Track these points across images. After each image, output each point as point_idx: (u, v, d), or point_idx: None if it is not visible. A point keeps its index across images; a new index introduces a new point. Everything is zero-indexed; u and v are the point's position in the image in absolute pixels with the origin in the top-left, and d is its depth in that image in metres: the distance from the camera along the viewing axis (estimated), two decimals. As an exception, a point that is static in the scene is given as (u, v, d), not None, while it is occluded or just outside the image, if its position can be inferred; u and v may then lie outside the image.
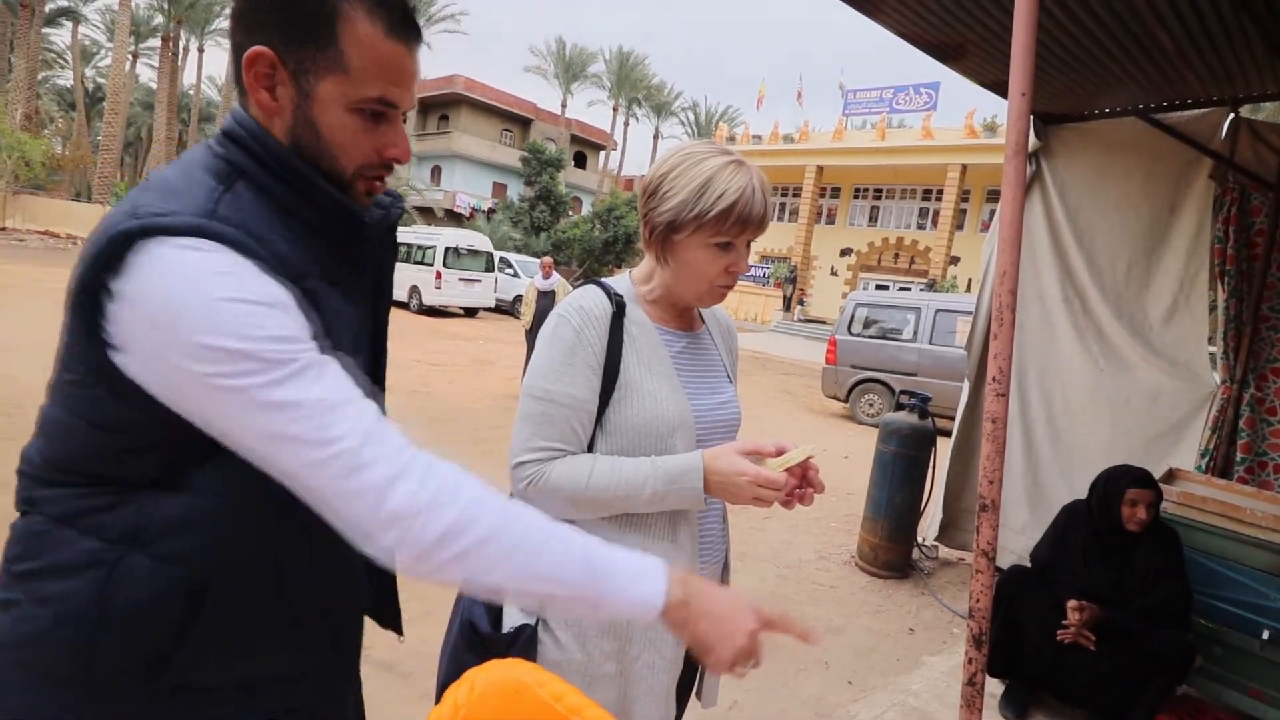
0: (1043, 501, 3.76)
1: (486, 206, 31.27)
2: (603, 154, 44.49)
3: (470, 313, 17.32)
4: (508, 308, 18.64)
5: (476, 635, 1.09)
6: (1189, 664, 2.47)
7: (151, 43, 38.78)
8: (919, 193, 27.57)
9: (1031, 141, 3.67)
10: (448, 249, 15.80)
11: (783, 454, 1.06)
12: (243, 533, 0.76)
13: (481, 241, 17.03)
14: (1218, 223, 3.47)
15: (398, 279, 4.87)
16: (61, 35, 40.46)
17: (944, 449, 4.15)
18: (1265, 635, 2.54)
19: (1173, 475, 3.21)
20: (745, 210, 1.06)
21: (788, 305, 26.15)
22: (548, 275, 8.37)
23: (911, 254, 27.19)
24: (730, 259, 1.11)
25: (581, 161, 42.78)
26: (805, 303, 27.43)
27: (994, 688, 2.71)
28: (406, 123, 0.87)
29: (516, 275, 18.71)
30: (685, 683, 1.26)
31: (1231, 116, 3.44)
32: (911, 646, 3.23)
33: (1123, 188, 3.69)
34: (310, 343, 0.70)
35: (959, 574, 4.22)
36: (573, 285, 9.22)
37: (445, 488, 0.70)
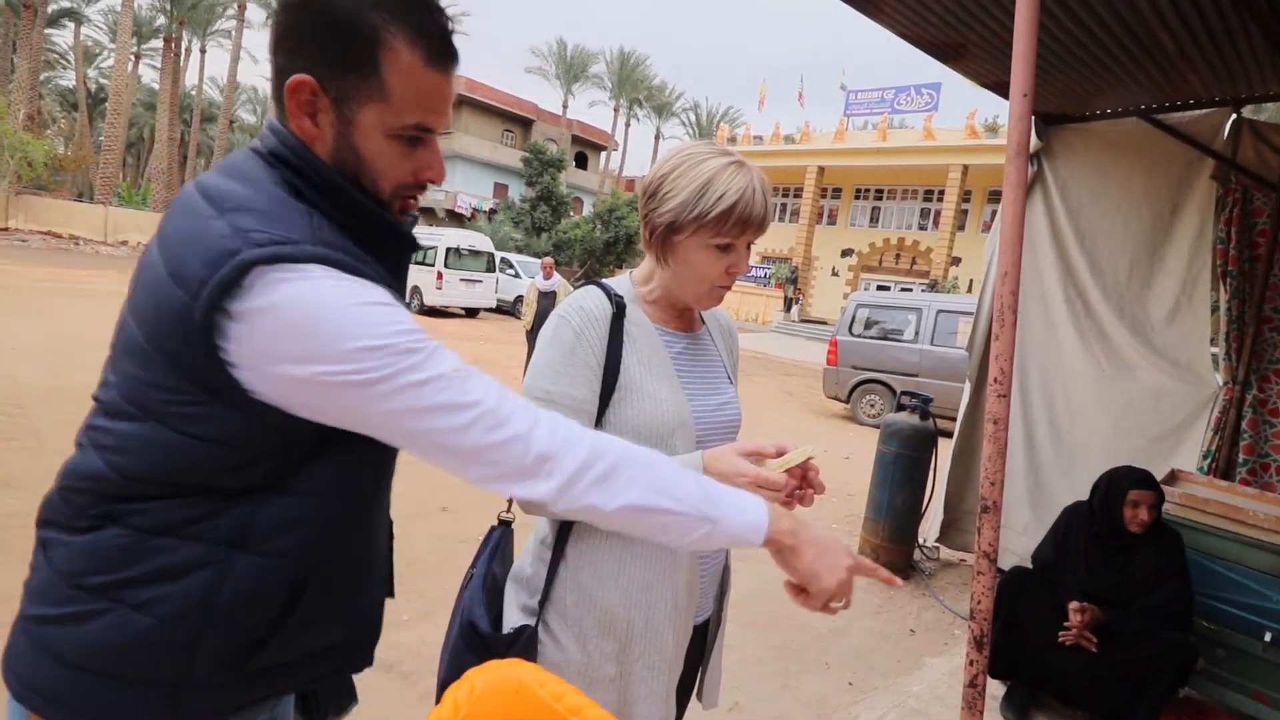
0: (1044, 503, 3.76)
1: (488, 207, 31.28)
2: (604, 155, 44.53)
3: (471, 313, 17.33)
4: (509, 308, 18.66)
5: (477, 635, 1.09)
6: (1191, 666, 2.46)
7: (154, 44, 38.79)
8: (920, 193, 27.57)
9: (1033, 142, 3.67)
10: (449, 249, 15.81)
11: (783, 455, 1.06)
12: (334, 526, 0.84)
13: (483, 242, 17.05)
14: (1220, 223, 3.46)
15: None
16: (64, 36, 40.53)
17: (945, 450, 4.15)
18: (1267, 637, 2.54)
19: (1175, 476, 3.20)
20: (745, 211, 1.06)
21: (789, 306, 26.15)
22: (549, 276, 8.38)
23: (913, 255, 27.18)
24: (730, 260, 1.11)
25: (583, 162, 42.83)
26: (799, 301, 27.38)
27: (995, 689, 2.71)
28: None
29: (517, 276, 18.73)
30: (685, 684, 1.26)
31: (1234, 117, 3.44)
32: (912, 648, 3.23)
33: (1124, 188, 3.69)
34: (424, 330, 0.77)
35: (960, 575, 4.22)
36: (574, 286, 9.22)
37: (571, 429, 0.81)
